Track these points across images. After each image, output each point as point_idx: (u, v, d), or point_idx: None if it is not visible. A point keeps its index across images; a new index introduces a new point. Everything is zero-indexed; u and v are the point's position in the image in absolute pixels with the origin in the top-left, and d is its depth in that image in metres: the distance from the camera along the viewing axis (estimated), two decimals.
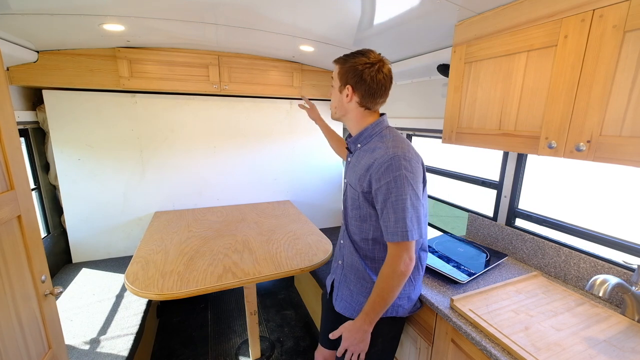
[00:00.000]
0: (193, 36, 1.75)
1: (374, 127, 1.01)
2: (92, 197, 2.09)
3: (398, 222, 0.87)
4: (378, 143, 0.97)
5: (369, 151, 0.98)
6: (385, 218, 0.90)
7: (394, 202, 0.88)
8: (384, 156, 0.90)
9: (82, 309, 1.58)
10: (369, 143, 1.00)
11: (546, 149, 0.93)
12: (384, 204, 0.89)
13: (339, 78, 1.00)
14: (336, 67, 1.01)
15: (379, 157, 0.92)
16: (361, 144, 1.03)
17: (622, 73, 0.76)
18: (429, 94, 1.93)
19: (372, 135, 1.01)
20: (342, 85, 0.99)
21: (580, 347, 0.85)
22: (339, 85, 1.01)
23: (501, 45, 1.05)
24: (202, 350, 1.94)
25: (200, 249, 1.63)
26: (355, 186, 1.00)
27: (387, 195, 0.88)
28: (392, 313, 1.05)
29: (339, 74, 1.00)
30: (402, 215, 0.87)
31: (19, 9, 1.23)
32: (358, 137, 1.03)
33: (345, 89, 0.99)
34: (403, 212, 0.87)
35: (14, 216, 0.82)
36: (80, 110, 1.98)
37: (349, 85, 0.98)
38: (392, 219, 0.88)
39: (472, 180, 1.73)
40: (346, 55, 0.99)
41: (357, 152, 1.04)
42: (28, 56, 1.69)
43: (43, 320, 0.93)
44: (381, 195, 0.90)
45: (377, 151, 0.94)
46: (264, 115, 2.47)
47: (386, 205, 0.89)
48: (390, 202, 0.88)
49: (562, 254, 1.24)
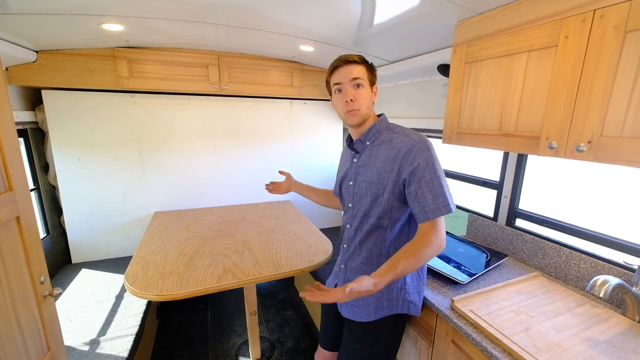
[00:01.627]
0: (193, 36, 1.74)
1: (381, 123, 1.03)
2: (92, 197, 2.09)
3: (437, 197, 0.89)
4: (391, 135, 0.99)
5: (384, 144, 0.99)
6: (421, 198, 0.91)
7: (428, 181, 0.90)
8: (409, 142, 0.93)
9: (82, 309, 1.58)
10: (379, 138, 1.02)
11: (547, 149, 0.93)
12: (419, 184, 0.91)
13: (367, 78, 0.99)
14: (361, 66, 0.98)
15: (403, 145, 0.94)
16: (370, 141, 1.03)
17: (623, 73, 0.75)
18: (429, 94, 1.93)
19: (380, 130, 1.03)
20: (371, 84, 1.00)
21: (581, 348, 0.85)
22: (368, 85, 0.99)
23: (502, 45, 1.04)
24: (202, 350, 1.93)
25: (200, 250, 1.63)
26: (379, 181, 0.98)
27: (421, 175, 0.90)
28: (405, 310, 1.05)
29: (367, 72, 0.99)
30: (441, 190, 0.90)
31: (18, 9, 1.22)
32: (367, 135, 1.03)
33: (373, 87, 1.02)
34: (441, 188, 0.90)
35: (12, 217, 0.82)
36: (80, 110, 1.97)
37: (376, 85, 1.02)
38: (430, 196, 0.90)
39: (473, 180, 1.73)
40: (361, 56, 0.99)
41: (367, 149, 1.04)
42: (27, 56, 1.68)
43: (42, 321, 0.93)
44: (415, 177, 0.91)
45: (395, 141, 0.97)
46: (264, 115, 2.47)
47: (420, 186, 0.90)
48: (424, 181, 0.90)
49: (562, 255, 1.24)
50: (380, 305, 1.04)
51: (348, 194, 1.09)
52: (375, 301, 1.04)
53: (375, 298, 1.04)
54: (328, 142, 2.74)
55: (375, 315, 1.04)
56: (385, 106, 2.33)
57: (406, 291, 1.04)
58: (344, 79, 0.97)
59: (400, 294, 1.04)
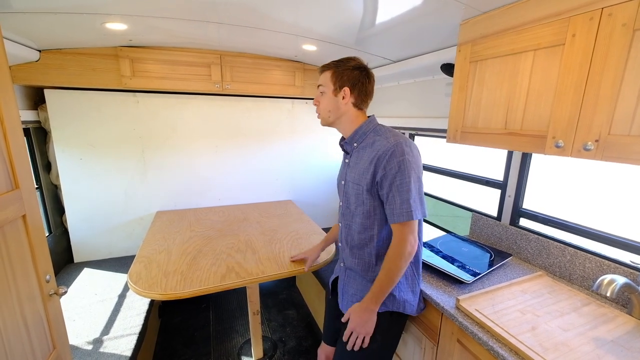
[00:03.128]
0: (195, 35, 1.74)
1: (368, 125, 1.06)
2: (94, 196, 2.09)
3: (403, 203, 0.93)
4: (375, 137, 1.02)
5: (368, 146, 1.03)
6: (391, 201, 0.95)
7: (398, 186, 0.93)
8: (386, 145, 0.96)
9: (85, 308, 1.57)
10: (365, 139, 1.05)
11: (553, 148, 0.92)
12: (390, 189, 0.95)
13: (332, 82, 1.05)
14: (326, 72, 1.06)
15: (381, 148, 0.97)
16: (357, 143, 1.07)
17: (631, 72, 0.75)
18: (432, 94, 1.92)
19: (366, 132, 1.06)
20: (337, 88, 1.04)
21: (587, 348, 0.85)
22: (332, 89, 1.05)
23: (507, 44, 1.04)
24: (204, 350, 1.93)
25: (202, 249, 1.63)
26: (359, 182, 1.03)
27: (392, 180, 0.94)
28: (399, 308, 1.06)
29: (332, 77, 1.04)
30: (407, 196, 0.93)
31: (21, 8, 1.22)
32: (354, 136, 1.08)
33: (341, 91, 1.04)
34: (407, 194, 0.93)
35: (19, 215, 0.82)
36: (82, 109, 1.97)
37: (346, 87, 1.03)
38: (398, 201, 0.94)
39: (476, 179, 1.72)
40: (335, 62, 1.06)
41: (355, 151, 1.08)
42: (30, 55, 1.68)
43: (48, 320, 0.92)
44: (387, 181, 0.95)
45: (377, 144, 1.00)
46: (266, 114, 2.46)
47: (391, 190, 0.94)
48: (395, 186, 0.94)
49: (567, 254, 1.24)
50: None
51: (340, 193, 1.16)
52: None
53: None
54: (329, 142, 2.73)
55: None
56: (387, 105, 2.33)
57: (400, 290, 1.06)
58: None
59: (395, 292, 1.06)
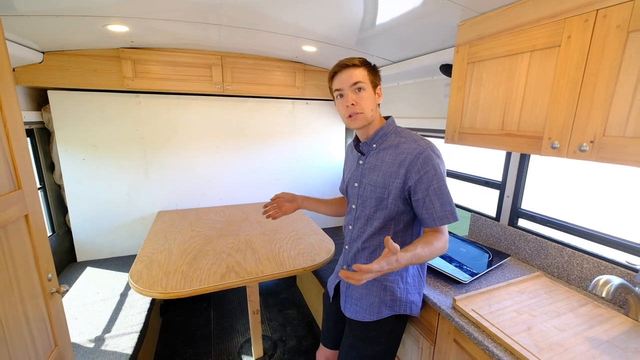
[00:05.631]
0: (196, 37, 1.76)
1: (389, 126, 1.04)
2: (97, 196, 2.11)
3: (444, 205, 0.92)
4: (398, 139, 1.00)
5: (391, 148, 0.99)
6: (429, 205, 0.93)
7: (436, 189, 0.92)
8: (417, 149, 0.94)
9: (87, 307, 1.60)
10: (386, 141, 1.02)
11: (549, 149, 0.93)
12: (426, 193, 0.92)
13: (369, 80, 0.98)
14: (361, 69, 0.97)
15: (411, 152, 0.94)
16: (377, 144, 1.03)
17: (625, 73, 0.75)
18: (431, 94, 1.93)
19: (387, 133, 1.03)
20: (374, 87, 1.00)
21: (583, 348, 0.85)
22: (371, 88, 0.99)
23: (504, 45, 1.04)
24: (204, 349, 1.95)
25: (203, 248, 1.64)
26: (384, 185, 0.98)
27: (428, 184, 0.92)
28: (406, 311, 1.06)
29: (369, 75, 0.98)
30: (447, 199, 0.93)
31: (25, 11, 1.24)
32: (374, 137, 1.03)
33: (377, 89, 1.01)
34: (448, 196, 0.93)
35: (21, 215, 0.83)
36: (85, 110, 2.00)
37: (379, 87, 1.02)
38: (438, 204, 0.92)
39: (475, 180, 1.73)
40: (362, 59, 0.99)
41: (374, 152, 1.04)
42: (33, 57, 1.70)
43: (49, 318, 0.94)
44: (422, 186, 0.93)
45: (402, 146, 0.97)
46: (267, 115, 2.48)
47: (428, 194, 0.92)
48: (432, 189, 0.92)
49: (565, 255, 1.24)
50: (383, 305, 1.04)
51: (353, 195, 1.09)
52: (378, 301, 1.04)
53: (378, 298, 1.04)
54: (330, 142, 2.74)
55: (378, 315, 1.04)
56: (387, 106, 2.33)
57: (408, 291, 1.06)
58: (344, 84, 0.97)
59: (403, 294, 1.05)
